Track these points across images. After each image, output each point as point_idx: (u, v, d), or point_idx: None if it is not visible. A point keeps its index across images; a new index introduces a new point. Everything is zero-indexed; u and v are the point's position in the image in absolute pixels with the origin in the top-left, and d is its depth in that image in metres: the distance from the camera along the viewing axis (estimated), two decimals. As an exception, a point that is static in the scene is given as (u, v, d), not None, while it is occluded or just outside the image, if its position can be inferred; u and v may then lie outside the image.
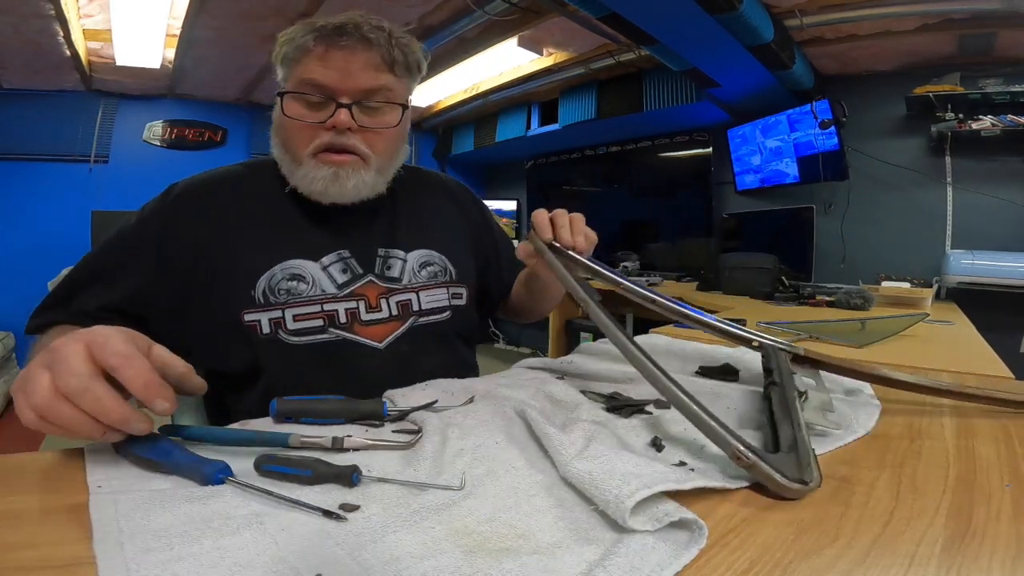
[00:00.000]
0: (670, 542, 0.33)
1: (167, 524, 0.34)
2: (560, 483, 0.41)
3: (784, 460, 0.41)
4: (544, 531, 0.35)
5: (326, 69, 0.71)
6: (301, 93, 0.73)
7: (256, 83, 3.50)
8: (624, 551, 0.32)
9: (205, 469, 0.40)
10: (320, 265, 0.76)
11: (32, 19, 2.33)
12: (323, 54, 0.71)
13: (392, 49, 0.73)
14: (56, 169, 3.47)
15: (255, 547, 0.32)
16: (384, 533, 0.34)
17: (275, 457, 0.42)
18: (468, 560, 0.31)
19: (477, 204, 1.00)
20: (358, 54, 0.71)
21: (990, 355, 1.10)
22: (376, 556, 0.31)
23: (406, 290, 0.80)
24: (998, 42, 2.16)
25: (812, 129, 2.65)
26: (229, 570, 0.30)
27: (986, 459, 0.48)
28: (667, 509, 0.35)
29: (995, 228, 2.34)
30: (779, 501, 0.40)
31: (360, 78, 0.72)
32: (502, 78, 3.31)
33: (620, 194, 3.93)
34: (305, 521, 0.35)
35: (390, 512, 0.36)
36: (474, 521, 0.36)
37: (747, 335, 0.66)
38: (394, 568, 0.30)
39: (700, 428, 0.44)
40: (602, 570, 0.30)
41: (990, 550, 0.34)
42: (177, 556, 0.31)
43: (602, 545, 0.33)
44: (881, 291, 1.99)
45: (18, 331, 3.26)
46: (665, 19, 1.97)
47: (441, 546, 0.33)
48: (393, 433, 0.51)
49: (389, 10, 2.39)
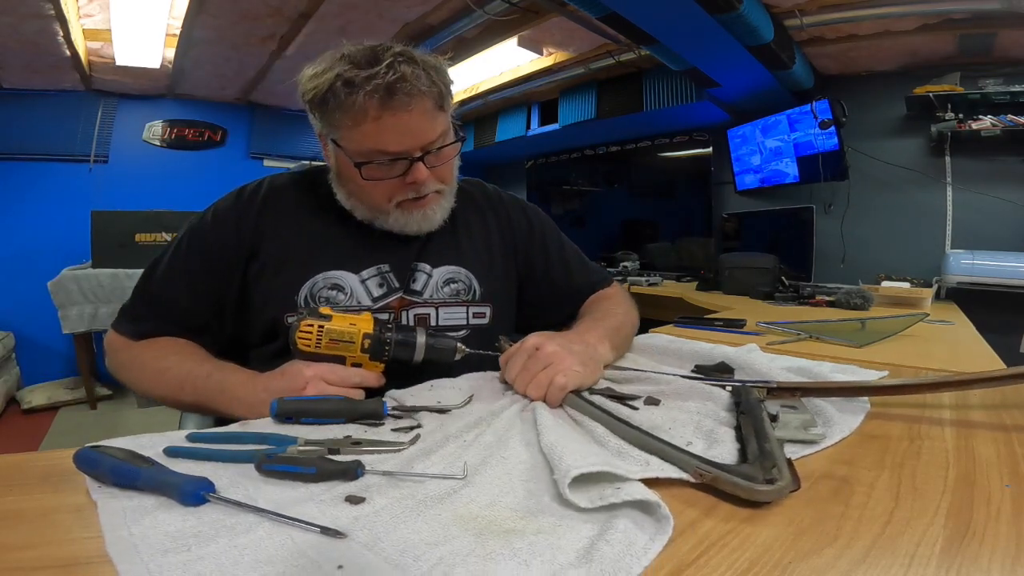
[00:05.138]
0: (658, 517, 0.36)
1: (178, 527, 0.34)
2: (548, 468, 0.43)
3: (749, 469, 0.42)
4: (543, 512, 0.37)
5: (390, 135, 0.71)
6: (377, 163, 0.74)
7: (256, 83, 3.49)
8: (621, 526, 0.34)
9: (184, 488, 0.38)
10: (360, 278, 0.80)
11: (32, 19, 2.32)
12: (380, 116, 0.70)
13: (435, 86, 0.72)
14: (56, 169, 3.47)
15: (272, 543, 0.33)
16: (395, 524, 0.35)
17: (277, 457, 0.42)
18: (480, 542, 0.33)
19: (526, 212, 0.99)
20: (415, 109, 0.71)
21: (990, 355, 1.10)
22: (392, 546, 0.33)
23: (426, 304, 0.82)
24: (998, 42, 2.16)
25: (812, 129, 2.65)
26: (251, 567, 0.30)
27: (986, 459, 0.48)
28: (608, 492, 0.37)
29: (995, 228, 2.34)
30: (774, 506, 0.39)
31: (424, 133, 0.73)
32: (502, 78, 3.30)
33: (620, 194, 3.93)
34: (317, 515, 0.36)
35: (398, 504, 0.37)
36: (477, 507, 0.38)
37: (719, 384, 0.65)
38: (412, 555, 0.32)
39: (658, 455, 0.46)
40: (605, 543, 0.32)
41: (990, 550, 0.34)
42: (196, 556, 0.31)
43: (596, 523, 0.36)
44: (881, 291, 1.99)
45: (18, 331, 3.26)
46: (665, 19, 1.97)
47: (451, 531, 0.34)
48: (392, 432, 0.52)
49: (389, 10, 2.39)
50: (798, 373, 0.77)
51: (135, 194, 3.56)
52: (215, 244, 0.79)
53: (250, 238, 0.79)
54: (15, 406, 3.04)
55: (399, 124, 0.71)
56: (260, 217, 0.80)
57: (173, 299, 0.78)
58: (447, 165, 0.79)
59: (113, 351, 0.79)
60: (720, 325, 1.30)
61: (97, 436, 0.46)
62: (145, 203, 3.14)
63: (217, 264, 0.78)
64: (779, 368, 0.79)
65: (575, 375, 0.61)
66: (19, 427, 2.83)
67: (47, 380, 3.31)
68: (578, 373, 0.61)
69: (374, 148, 0.72)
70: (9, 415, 2.96)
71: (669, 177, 3.59)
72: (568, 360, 0.62)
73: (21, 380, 3.25)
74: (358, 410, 0.55)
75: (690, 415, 0.57)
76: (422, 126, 0.73)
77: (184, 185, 3.71)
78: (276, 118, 4.08)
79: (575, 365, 0.62)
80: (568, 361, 0.62)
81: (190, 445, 0.48)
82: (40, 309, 2.95)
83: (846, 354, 0.98)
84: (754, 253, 2.47)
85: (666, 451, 0.46)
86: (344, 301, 0.78)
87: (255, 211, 0.81)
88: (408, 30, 2.51)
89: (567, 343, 0.65)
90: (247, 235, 0.79)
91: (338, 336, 0.65)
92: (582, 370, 0.62)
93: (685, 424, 0.55)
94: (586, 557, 0.32)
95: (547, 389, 0.59)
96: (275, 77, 3.33)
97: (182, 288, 0.78)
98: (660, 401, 0.62)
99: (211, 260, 0.79)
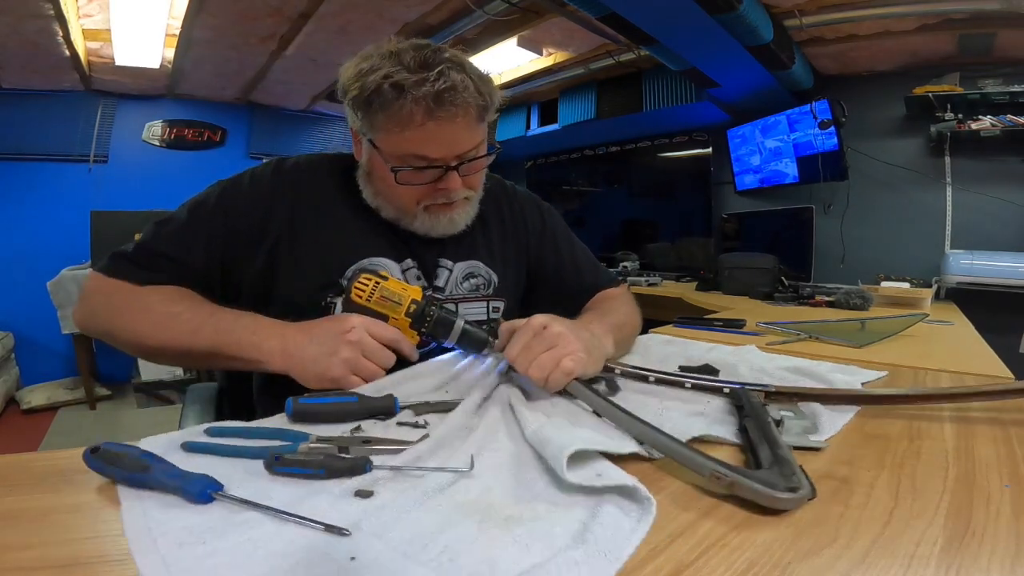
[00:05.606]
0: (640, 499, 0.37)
1: (195, 521, 0.35)
2: (537, 457, 0.45)
3: (768, 475, 0.41)
4: (536, 499, 0.39)
5: (432, 143, 0.72)
6: (413, 167, 0.74)
7: (255, 83, 3.49)
8: (610, 510, 0.36)
9: (192, 486, 0.38)
10: (401, 268, 0.81)
11: (31, 19, 2.32)
12: (423, 124, 0.70)
13: (482, 98, 0.72)
14: (55, 169, 3.47)
15: (285, 536, 0.34)
16: (401, 515, 0.37)
17: (285, 459, 0.43)
18: (482, 529, 0.35)
19: (541, 209, 1.00)
20: (459, 120, 0.71)
21: (989, 355, 1.10)
22: (400, 535, 0.34)
23: (447, 300, 0.84)
24: (998, 42, 2.16)
25: (811, 129, 2.65)
26: (264, 560, 0.31)
27: (985, 460, 0.48)
28: (591, 476, 0.40)
29: (994, 228, 2.34)
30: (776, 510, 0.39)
31: (463, 144, 0.74)
32: (501, 78, 3.30)
33: (620, 194, 3.93)
34: (327, 509, 0.37)
35: (403, 496, 0.39)
36: (474, 497, 0.40)
37: (717, 384, 0.65)
38: (419, 543, 0.33)
39: (675, 457, 0.45)
40: (598, 525, 0.35)
41: (989, 550, 0.34)
42: (211, 550, 0.32)
43: (586, 508, 0.38)
44: (880, 291, 1.99)
45: (18, 331, 3.26)
46: (665, 19, 1.96)
47: (453, 520, 0.36)
48: (399, 425, 0.55)
49: (389, 10, 2.39)
50: (795, 372, 0.77)
51: (135, 194, 3.56)
52: (248, 210, 0.77)
53: (286, 211, 0.78)
54: (15, 406, 3.04)
55: (442, 133, 0.71)
56: (297, 196, 0.79)
57: (186, 253, 0.74)
58: (478, 174, 0.81)
59: (98, 294, 0.73)
60: (720, 325, 1.30)
61: (97, 436, 0.46)
62: (145, 203, 3.14)
63: (246, 232, 0.76)
64: (777, 368, 0.79)
65: (581, 361, 0.59)
66: (18, 427, 2.83)
67: (46, 380, 3.31)
68: (583, 360, 0.60)
69: (413, 153, 0.72)
70: (8, 415, 2.95)
71: (669, 177, 3.59)
72: (575, 344, 0.60)
73: (20, 380, 3.25)
74: (369, 408, 0.56)
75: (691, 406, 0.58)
76: (463, 137, 0.73)
77: (184, 185, 3.65)
78: (276, 118, 4.08)
79: (581, 351, 0.60)
80: (575, 345, 0.60)
81: (208, 440, 0.49)
82: (39, 309, 2.96)
83: (846, 354, 0.98)
84: (754, 253, 2.47)
85: (679, 451, 0.44)
86: None
87: (294, 186, 0.80)
88: (408, 30, 2.51)
89: (574, 328, 0.64)
90: (283, 208, 0.78)
91: (389, 295, 0.69)
92: (586, 358, 0.61)
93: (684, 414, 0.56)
94: (581, 539, 0.34)
95: (550, 372, 0.58)
96: (275, 77, 3.33)
97: (199, 245, 0.75)
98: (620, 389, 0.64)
99: (239, 227, 0.76)
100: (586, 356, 0.61)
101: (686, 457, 0.44)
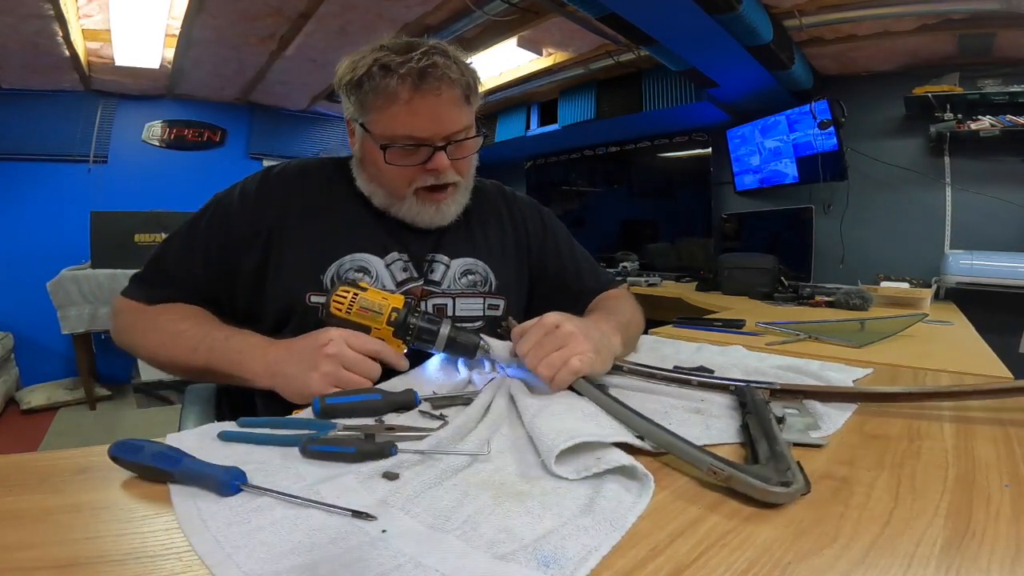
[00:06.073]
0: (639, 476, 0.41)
1: (238, 503, 0.39)
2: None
3: (763, 469, 0.42)
4: (544, 478, 0.43)
5: (419, 119, 0.74)
6: (400, 145, 0.76)
7: (255, 83, 3.49)
8: (612, 487, 0.40)
9: (221, 477, 0.40)
10: (385, 262, 0.82)
11: (31, 19, 2.32)
12: (410, 100, 0.73)
13: (464, 77, 0.76)
14: (55, 169, 3.47)
15: (322, 513, 0.37)
16: (424, 492, 0.41)
17: (319, 439, 0.46)
18: (497, 502, 0.39)
19: (541, 214, 1.02)
20: (443, 97, 0.74)
21: (989, 355, 1.10)
22: (425, 509, 0.38)
23: (444, 295, 0.85)
24: (997, 42, 2.16)
25: (811, 129, 2.65)
26: (306, 534, 0.35)
27: (985, 460, 0.48)
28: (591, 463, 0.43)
29: (994, 228, 2.34)
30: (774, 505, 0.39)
31: (450, 122, 0.76)
32: (501, 78, 3.30)
33: (619, 194, 3.93)
34: (358, 488, 0.41)
35: (424, 475, 0.43)
36: (486, 475, 0.44)
37: (722, 383, 0.65)
38: (443, 516, 0.37)
39: (672, 451, 0.46)
40: (602, 499, 0.38)
41: (989, 550, 0.34)
42: (256, 526, 0.36)
43: (589, 486, 0.41)
44: (880, 291, 1.99)
45: (17, 331, 3.26)
46: (664, 19, 1.96)
47: (470, 495, 0.40)
48: (420, 414, 0.58)
49: (389, 10, 2.39)
50: (790, 371, 0.77)
51: (134, 194, 3.56)
52: (238, 221, 0.80)
53: (273, 216, 0.80)
54: (14, 406, 3.03)
55: (428, 108, 0.74)
56: (286, 197, 0.82)
57: (187, 269, 0.79)
58: (467, 160, 0.82)
59: (121, 314, 0.80)
60: (719, 325, 1.30)
61: (96, 437, 0.47)
62: (144, 203, 3.14)
63: (237, 240, 0.80)
64: (769, 367, 0.79)
65: (589, 361, 0.60)
66: (18, 427, 2.83)
67: (46, 380, 3.31)
68: (591, 359, 0.61)
69: (401, 132, 0.75)
70: (8, 415, 2.95)
71: (668, 177, 3.59)
72: (585, 344, 0.61)
73: (20, 380, 3.25)
74: (394, 403, 0.58)
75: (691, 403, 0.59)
76: (449, 114, 0.76)
77: (183, 185, 3.70)
78: (276, 118, 4.08)
79: (590, 351, 0.61)
80: (585, 345, 0.61)
81: (242, 430, 0.51)
82: (39, 309, 2.95)
83: (845, 354, 0.98)
84: (753, 253, 2.47)
85: (678, 445, 0.45)
86: (370, 284, 0.79)
87: (281, 190, 0.83)
88: (408, 30, 2.51)
89: (585, 327, 0.65)
90: (271, 213, 0.80)
91: (368, 305, 0.68)
92: (595, 357, 0.62)
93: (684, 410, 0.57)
94: (588, 509, 0.38)
95: (558, 370, 0.59)
96: (275, 77, 3.33)
97: (198, 259, 0.80)
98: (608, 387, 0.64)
99: (231, 237, 0.80)
100: (595, 356, 0.62)
101: (685, 451, 0.45)
